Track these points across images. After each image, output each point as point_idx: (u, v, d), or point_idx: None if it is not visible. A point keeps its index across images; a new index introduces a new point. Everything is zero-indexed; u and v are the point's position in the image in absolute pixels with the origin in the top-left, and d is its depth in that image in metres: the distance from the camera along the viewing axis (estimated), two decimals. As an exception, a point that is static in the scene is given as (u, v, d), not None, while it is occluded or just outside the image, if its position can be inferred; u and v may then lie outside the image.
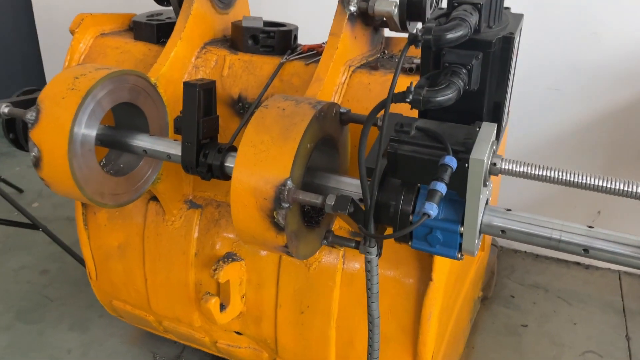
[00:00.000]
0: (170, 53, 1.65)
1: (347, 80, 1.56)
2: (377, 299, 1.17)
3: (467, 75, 0.98)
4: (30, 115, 1.38)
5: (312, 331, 1.71)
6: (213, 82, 1.39)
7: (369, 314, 1.19)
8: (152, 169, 1.62)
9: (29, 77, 4.08)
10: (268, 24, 1.80)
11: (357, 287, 1.63)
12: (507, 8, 1.08)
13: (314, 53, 1.70)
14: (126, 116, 1.60)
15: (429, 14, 1.52)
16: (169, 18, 1.88)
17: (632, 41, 2.53)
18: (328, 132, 1.29)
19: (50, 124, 1.36)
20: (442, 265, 1.51)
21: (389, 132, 1.01)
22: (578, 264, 3.03)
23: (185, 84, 1.35)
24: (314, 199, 1.14)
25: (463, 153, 0.99)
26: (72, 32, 1.83)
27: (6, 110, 1.45)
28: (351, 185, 1.27)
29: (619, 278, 2.92)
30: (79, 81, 1.39)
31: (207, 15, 1.77)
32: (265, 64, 1.69)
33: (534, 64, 2.71)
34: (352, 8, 1.52)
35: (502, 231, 1.14)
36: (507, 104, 1.10)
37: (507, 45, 0.99)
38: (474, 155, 0.98)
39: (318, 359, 1.74)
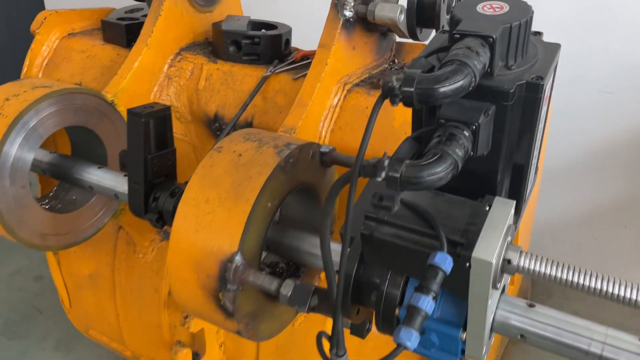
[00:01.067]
0: (133, 63, 1.38)
1: (340, 102, 1.26)
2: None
3: (470, 137, 0.67)
4: (-50, 144, 1.14)
5: (297, 393, 1.46)
6: (167, 109, 1.12)
7: None
8: (107, 206, 1.37)
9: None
10: (256, 25, 1.50)
11: (347, 347, 1.36)
12: (538, 33, 0.76)
13: (309, 62, 1.40)
14: (83, 139, 1.35)
15: (444, 20, 1.20)
16: (145, 16, 1.61)
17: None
18: (302, 181, 1.01)
19: (-28, 157, 1.13)
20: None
21: (356, 214, 0.72)
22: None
23: (129, 112, 1.08)
24: (267, 284, 0.86)
25: (462, 248, 0.69)
26: (34, 33, 1.59)
27: None
28: (332, 252, 0.99)
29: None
30: (9, 104, 1.15)
31: (184, 15, 1.49)
32: (247, 76, 1.40)
33: (584, 64, 2.35)
34: (348, 13, 1.21)
35: (522, 335, 0.84)
36: (532, 168, 0.78)
37: (533, 94, 0.67)
38: (477, 253, 0.68)
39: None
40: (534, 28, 0.77)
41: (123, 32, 1.53)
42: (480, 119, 0.67)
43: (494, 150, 0.72)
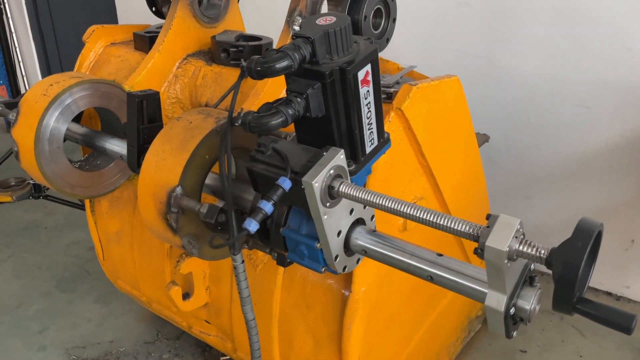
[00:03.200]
0: (147, 64, 1.84)
1: (290, 94, 1.64)
2: (248, 303, 1.26)
3: (303, 103, 1.04)
4: (11, 115, 1.63)
5: (259, 328, 1.82)
6: (156, 93, 1.55)
7: (244, 317, 1.28)
8: (124, 169, 1.82)
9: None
10: (244, 37, 1.92)
11: (295, 292, 1.72)
12: (368, 39, 1.11)
13: (281, 66, 1.80)
14: (108, 120, 1.81)
15: (370, 34, 1.57)
16: (167, 30, 2.07)
17: (669, 58, 2.33)
18: (238, 144, 1.40)
19: (24, 124, 1.60)
20: (362, 277, 1.55)
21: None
22: (609, 294, 2.84)
23: (128, 94, 1.52)
24: (195, 206, 1.25)
25: (299, 175, 1.06)
26: (84, 42, 2.09)
27: (-1, 109, 1.72)
28: (250, 195, 1.36)
29: (652, 314, 2.68)
30: (52, 88, 1.62)
31: (191, 29, 1.93)
32: (232, 76, 1.82)
33: (562, 81, 2.59)
34: (296, 28, 1.60)
35: (364, 251, 1.18)
36: (366, 129, 1.13)
37: (343, 75, 1.03)
38: (305, 178, 1.04)
39: (265, 353, 1.85)
40: (515, 49, 1.10)
41: (147, 42, 2.00)
42: (309, 91, 1.03)
43: (327, 114, 1.08)
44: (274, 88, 1.62)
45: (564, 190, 2.77)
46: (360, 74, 1.07)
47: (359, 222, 1.22)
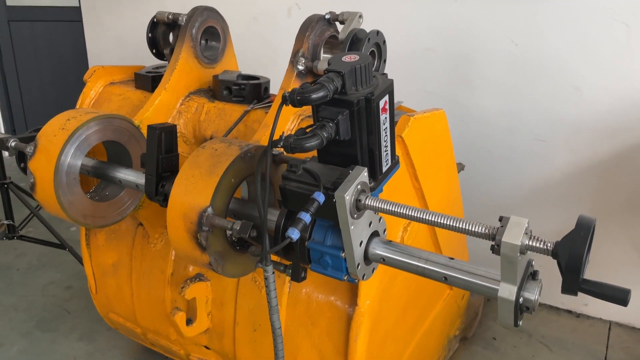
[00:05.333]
0: (155, 100, 1.97)
1: (295, 126, 1.81)
2: (276, 312, 1.37)
3: (334, 127, 1.20)
4: (29, 148, 1.71)
5: (263, 348, 1.92)
6: (173, 126, 1.68)
7: (271, 325, 1.39)
8: (132, 199, 1.91)
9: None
10: (244, 77, 2.09)
11: (300, 310, 1.84)
12: (384, 74, 1.30)
13: (279, 103, 1.97)
14: (116, 153, 1.91)
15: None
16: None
17: (611, 96, 2.64)
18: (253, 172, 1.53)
19: (43, 156, 1.69)
20: (367, 291, 1.69)
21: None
22: (570, 312, 3.07)
23: (149, 127, 1.64)
24: (226, 224, 1.37)
25: (331, 190, 1.21)
26: (85, 82, 2.19)
27: (13, 144, 1.79)
28: (272, 215, 1.50)
29: (609, 329, 2.93)
30: (70, 122, 1.72)
31: (193, 70, 2.08)
32: (235, 111, 1.97)
33: (522, 117, 2.87)
34: (300, 67, 1.78)
35: (383, 259, 1.33)
36: (383, 151, 1.30)
37: (368, 104, 1.21)
38: (337, 192, 1.19)
39: (268, 374, 1.94)
40: (476, 89, 1.28)
41: (149, 81, 2.13)
42: (339, 117, 1.20)
43: (352, 138, 1.25)
44: (282, 120, 1.77)
45: (525, 216, 3.00)
46: (381, 103, 1.24)
47: (375, 234, 1.37)
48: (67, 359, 2.62)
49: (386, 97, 1.26)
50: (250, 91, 2.00)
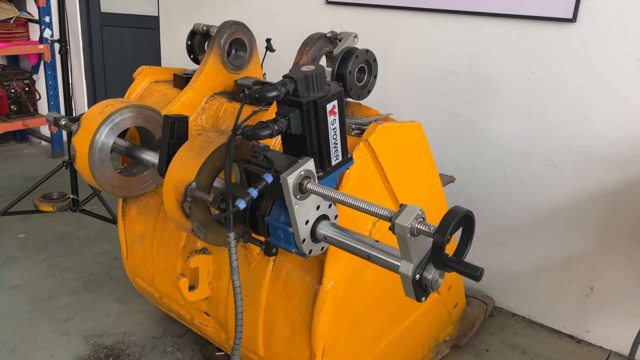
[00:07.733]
0: (182, 97, 2.33)
1: (289, 127, 2.09)
2: (236, 272, 1.65)
3: (286, 123, 1.49)
4: (74, 127, 2.11)
5: (247, 317, 2.20)
6: (185, 117, 2.02)
7: (232, 284, 1.68)
8: (154, 177, 2.27)
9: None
10: (260, 83, 2.40)
11: (279, 286, 2.11)
12: (339, 84, 1.56)
13: (287, 107, 2.27)
14: (147, 138, 2.29)
15: (354, 85, 2.03)
16: (200, 73, 2.57)
17: (621, 129, 2.72)
18: (242, 158, 1.83)
19: (83, 134, 2.08)
20: (331, 273, 1.94)
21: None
22: (571, 337, 3.12)
23: (165, 116, 1.99)
24: (203, 196, 1.69)
25: (279, 173, 1.49)
26: (134, 78, 2.61)
27: (63, 122, 2.20)
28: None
29: (607, 357, 2.96)
30: (107, 108, 2.11)
31: (219, 74, 2.43)
32: (247, 111, 2.29)
33: (533, 142, 3.00)
34: (298, 76, 2.07)
35: (325, 237, 1.59)
36: (332, 147, 1.56)
37: (316, 106, 1.48)
38: (283, 175, 1.47)
39: (251, 340, 2.22)
40: (494, 112, 1.55)
41: (183, 81, 2.50)
42: (290, 115, 1.48)
43: (303, 133, 1.52)
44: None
45: (534, 238, 3.12)
46: (329, 106, 1.51)
47: (325, 217, 1.63)
48: (102, 315, 3.03)
49: (335, 102, 1.53)
50: (262, 95, 2.32)
